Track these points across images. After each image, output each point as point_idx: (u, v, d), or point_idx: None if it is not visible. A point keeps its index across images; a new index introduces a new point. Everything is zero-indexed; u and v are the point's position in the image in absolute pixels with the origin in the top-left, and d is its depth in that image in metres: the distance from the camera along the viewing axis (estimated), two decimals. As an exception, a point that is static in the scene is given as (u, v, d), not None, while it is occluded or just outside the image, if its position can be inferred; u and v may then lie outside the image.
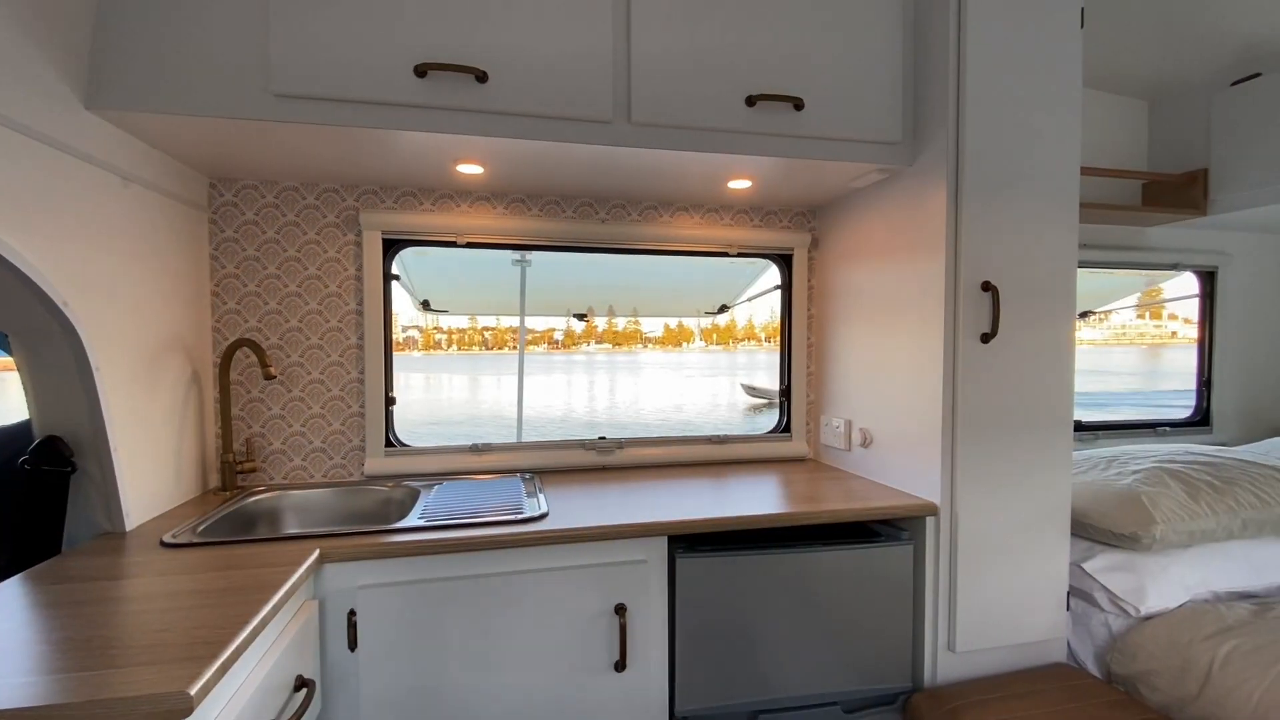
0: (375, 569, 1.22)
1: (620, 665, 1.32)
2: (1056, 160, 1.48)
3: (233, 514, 1.45)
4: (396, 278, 1.79)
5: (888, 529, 1.55)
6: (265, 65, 1.22)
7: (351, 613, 1.21)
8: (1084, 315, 2.67)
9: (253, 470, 1.64)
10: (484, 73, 1.28)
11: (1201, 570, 1.50)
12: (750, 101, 1.42)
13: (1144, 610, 1.46)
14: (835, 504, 1.48)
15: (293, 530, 1.55)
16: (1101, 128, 2.29)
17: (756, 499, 1.54)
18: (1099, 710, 1.34)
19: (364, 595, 1.21)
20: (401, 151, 1.44)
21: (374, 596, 1.22)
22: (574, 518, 1.36)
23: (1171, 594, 1.47)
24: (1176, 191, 2.16)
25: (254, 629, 0.89)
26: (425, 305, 2.16)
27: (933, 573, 1.49)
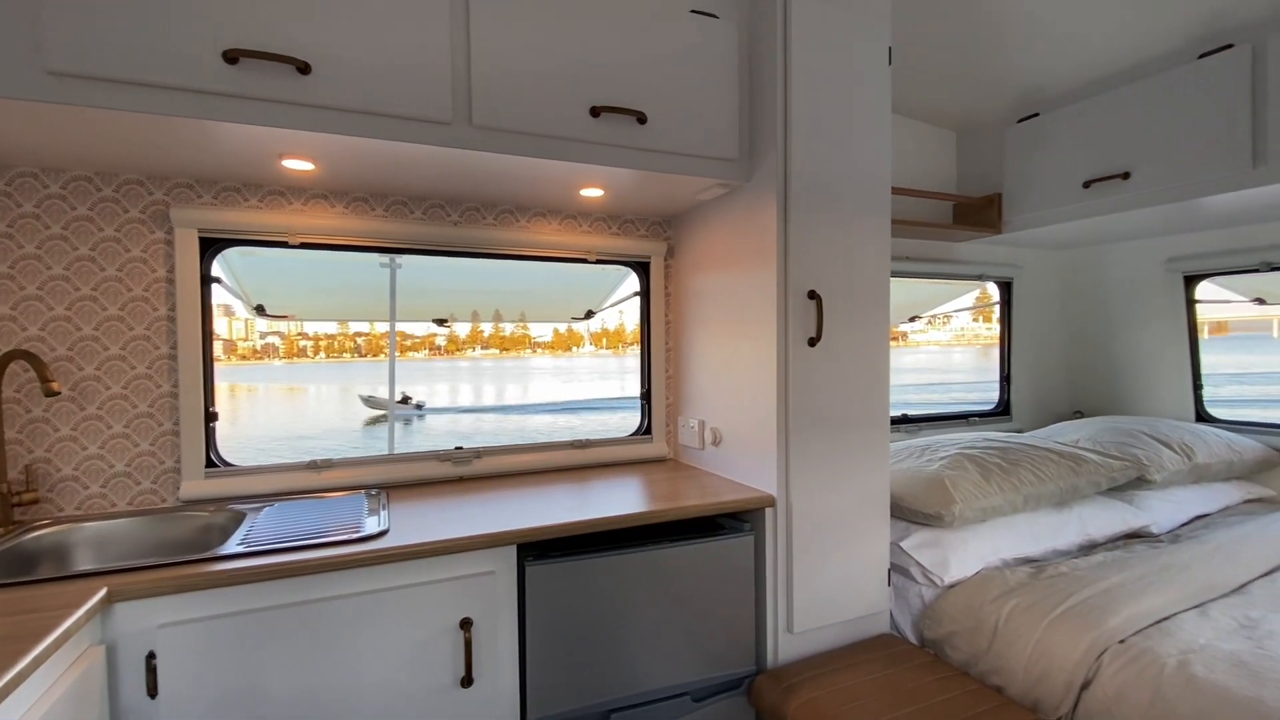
0: (180, 604, 1.10)
1: (467, 680, 1.28)
2: (870, 181, 1.65)
3: (3, 554, 1.24)
4: (218, 280, 1.63)
5: (732, 522, 1.64)
6: (37, 37, 1.06)
7: (151, 655, 1.08)
8: (913, 319, 2.98)
9: (35, 501, 1.42)
10: (306, 64, 1.20)
11: (993, 541, 1.73)
12: (594, 112, 1.45)
13: (947, 580, 1.66)
14: (681, 501, 1.54)
15: (84, 567, 1.36)
16: (920, 154, 2.59)
17: (612, 501, 1.56)
18: (911, 672, 1.50)
19: (166, 635, 1.09)
20: (217, 143, 1.32)
21: (179, 635, 1.10)
22: (418, 533, 1.31)
23: (969, 564, 1.68)
24: (979, 212, 2.49)
25: (3, 687, 0.77)
26: (260, 310, 1.98)
27: (772, 560, 1.59)
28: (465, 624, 1.29)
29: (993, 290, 2.87)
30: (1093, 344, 2.85)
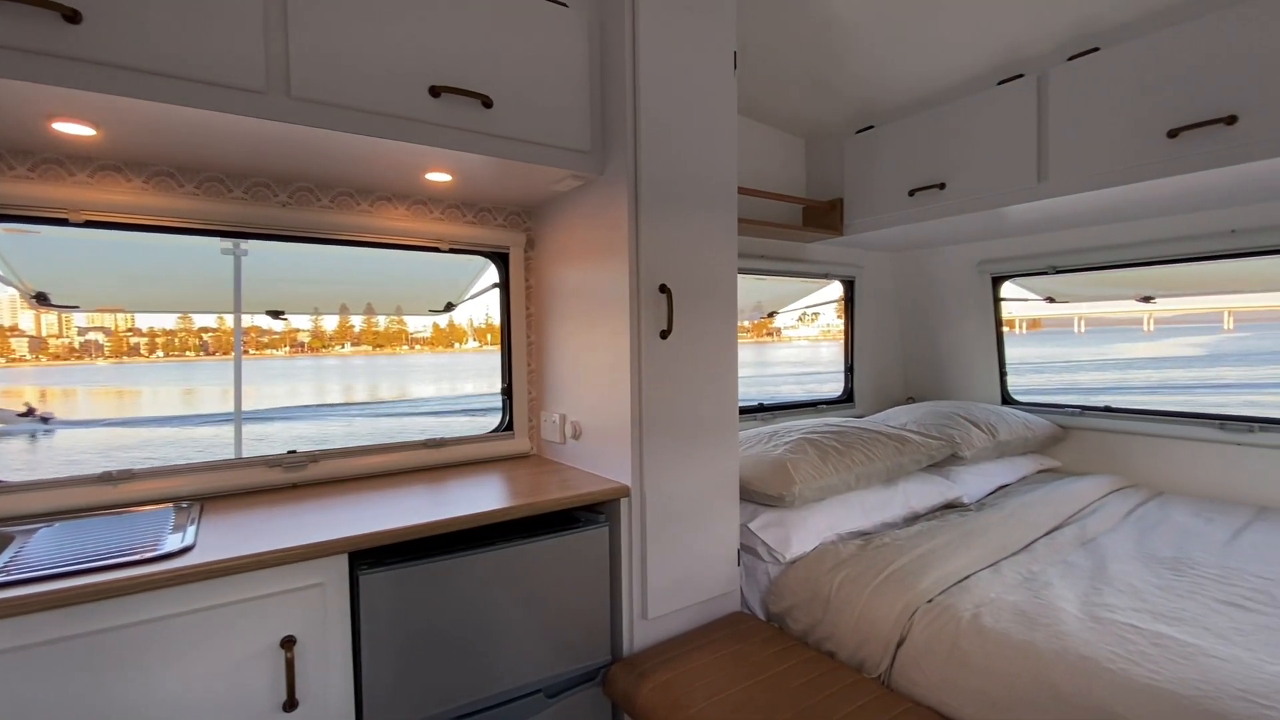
0: (-98, 651, 0.91)
1: (290, 705, 1.18)
2: (718, 179, 1.71)
3: None
4: (-29, 263, 1.37)
5: (587, 514, 1.64)
6: None
7: None
8: (772, 315, 3.15)
9: None
10: (74, 11, 1.03)
11: (830, 518, 1.87)
12: (434, 92, 1.37)
13: (789, 556, 1.77)
14: (537, 497, 1.52)
15: None
16: (774, 159, 2.74)
17: (465, 501, 1.50)
18: (756, 646, 1.59)
19: (-120, 690, 0.89)
20: (-44, 96, 1.10)
21: (-100, 689, 0.91)
22: (232, 547, 1.18)
23: (808, 540, 1.80)
24: (824, 215, 2.68)
25: None
26: (42, 299, 1.69)
27: (626, 550, 1.62)
28: (287, 643, 1.18)
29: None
30: (922, 337, 3.18)
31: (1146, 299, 2.64)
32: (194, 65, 1.14)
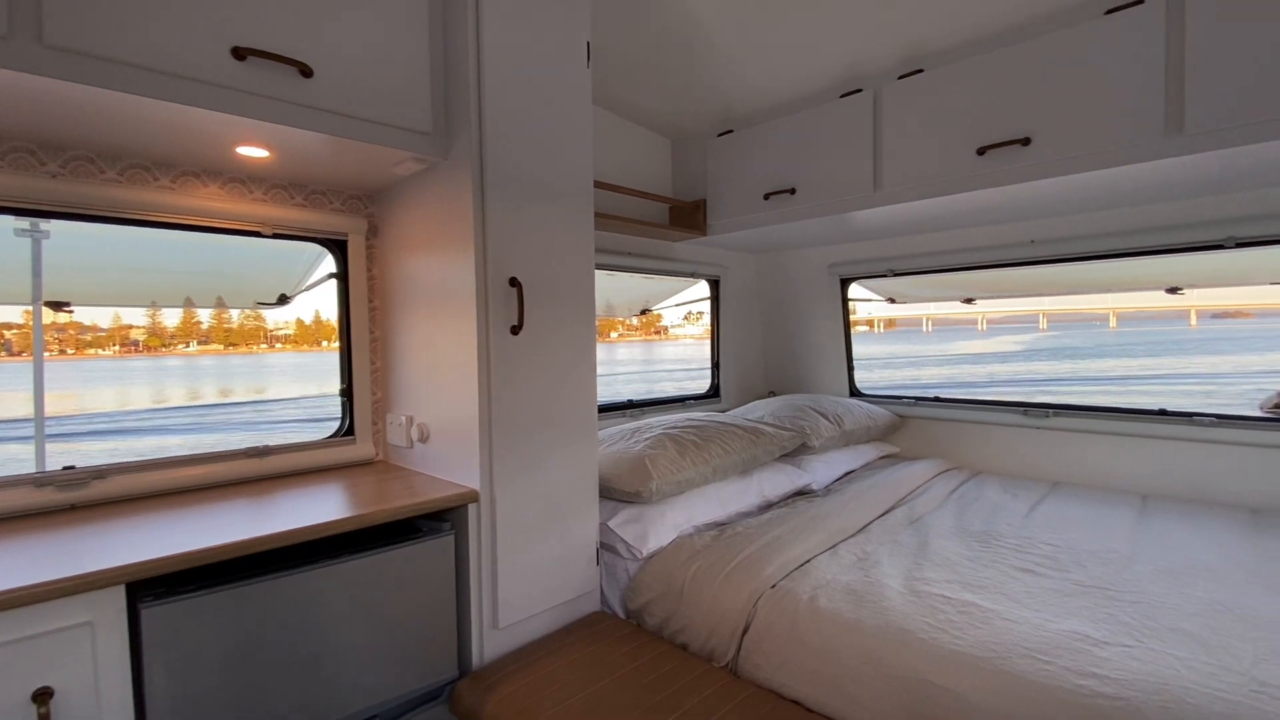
0: None
1: (43, 769, 0.99)
2: (572, 173, 1.67)
3: None
4: None
5: (431, 523, 1.54)
6: None
7: None
8: (644, 312, 3.17)
9: None
10: None
11: (687, 511, 1.90)
12: (239, 54, 1.21)
13: (647, 552, 1.77)
14: (371, 507, 1.40)
15: None
16: (642, 157, 2.75)
17: (288, 515, 1.35)
18: (612, 645, 1.57)
19: None
20: None
21: None
22: (-35, 585, 0.97)
23: (665, 534, 1.82)
24: (689, 215, 2.73)
25: None
26: None
27: (475, 558, 1.53)
28: (42, 696, 0.99)
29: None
30: (781, 334, 3.35)
31: (969, 300, 2.95)
32: (-106, -8, 0.92)
